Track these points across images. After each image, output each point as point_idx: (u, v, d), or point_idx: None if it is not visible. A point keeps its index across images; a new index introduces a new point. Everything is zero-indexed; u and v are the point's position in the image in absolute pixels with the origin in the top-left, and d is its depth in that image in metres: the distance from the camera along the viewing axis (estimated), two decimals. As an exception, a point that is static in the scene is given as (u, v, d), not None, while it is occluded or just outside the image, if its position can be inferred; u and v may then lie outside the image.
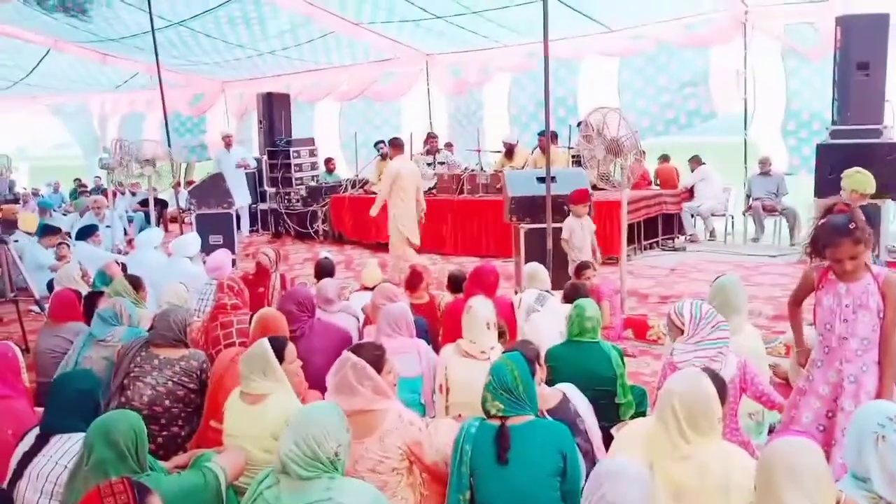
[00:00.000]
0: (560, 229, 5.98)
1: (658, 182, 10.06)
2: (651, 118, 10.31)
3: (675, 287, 6.86)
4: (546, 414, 2.87)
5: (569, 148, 9.14)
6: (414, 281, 5.14)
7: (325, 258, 6.00)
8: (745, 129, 9.67)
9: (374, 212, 7.93)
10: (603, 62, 10.67)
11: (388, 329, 3.82)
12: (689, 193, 9.68)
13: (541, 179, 6.10)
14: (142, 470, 2.32)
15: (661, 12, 9.30)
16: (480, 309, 3.60)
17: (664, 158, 10.35)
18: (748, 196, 9.41)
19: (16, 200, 12.10)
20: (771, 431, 3.70)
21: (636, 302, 6.49)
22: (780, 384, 4.14)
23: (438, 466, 2.80)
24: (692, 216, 9.55)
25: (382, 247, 9.79)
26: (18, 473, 2.60)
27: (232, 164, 10.94)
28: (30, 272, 6.64)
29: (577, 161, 8.42)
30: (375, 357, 2.90)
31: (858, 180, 5.42)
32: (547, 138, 6.29)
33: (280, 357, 3.06)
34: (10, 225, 7.73)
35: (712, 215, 9.61)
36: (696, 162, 9.86)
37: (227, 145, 11.37)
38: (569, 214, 6.04)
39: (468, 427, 2.59)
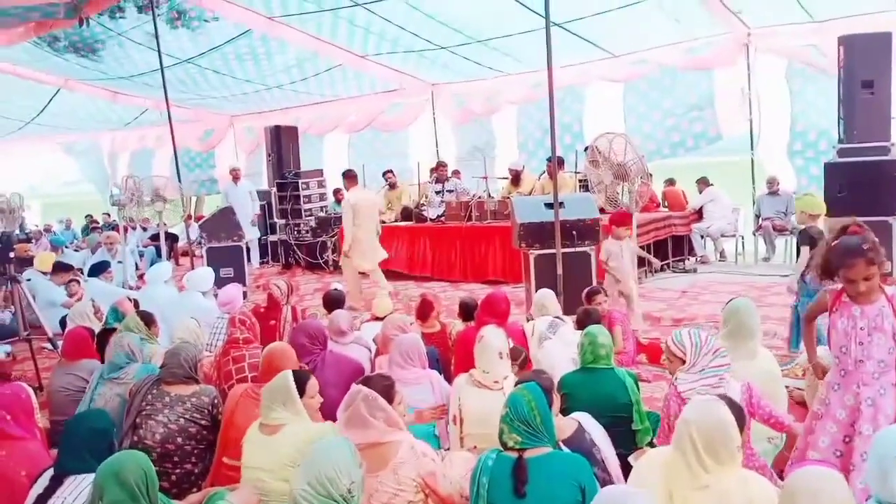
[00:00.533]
0: (572, 254, 5.98)
1: (666, 204, 10.06)
2: (657, 142, 10.33)
3: (688, 309, 6.82)
4: (562, 444, 2.84)
5: (576, 173, 9.17)
6: (425, 310, 5.12)
7: (335, 289, 6.01)
8: (752, 149, 9.67)
9: (346, 247, 8.13)
10: (607, 88, 10.73)
11: (401, 360, 3.80)
12: (698, 215, 9.66)
13: (549, 205, 6.11)
14: (153, 510, 2.31)
15: (664, 37, 9.37)
16: (493, 338, 3.58)
17: (670, 182, 10.36)
18: (757, 216, 9.39)
19: (28, 240, 12.22)
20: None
21: (649, 325, 6.45)
22: (798, 407, 4.08)
23: (454, 499, 2.77)
24: (702, 237, 9.53)
25: (393, 276, 9.82)
26: (33, 516, 2.59)
27: (240, 197, 11.03)
28: (42, 310, 6.67)
29: (584, 186, 8.44)
30: (386, 388, 2.89)
31: (807, 202, 5.48)
32: (553, 164, 6.31)
33: (301, 390, 3.05)
34: (23, 263, 7.80)
35: (722, 236, 9.58)
36: (703, 183, 9.85)
37: (235, 179, 11.50)
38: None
39: (485, 459, 2.56)
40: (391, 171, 11.23)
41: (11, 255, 5.41)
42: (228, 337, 4.33)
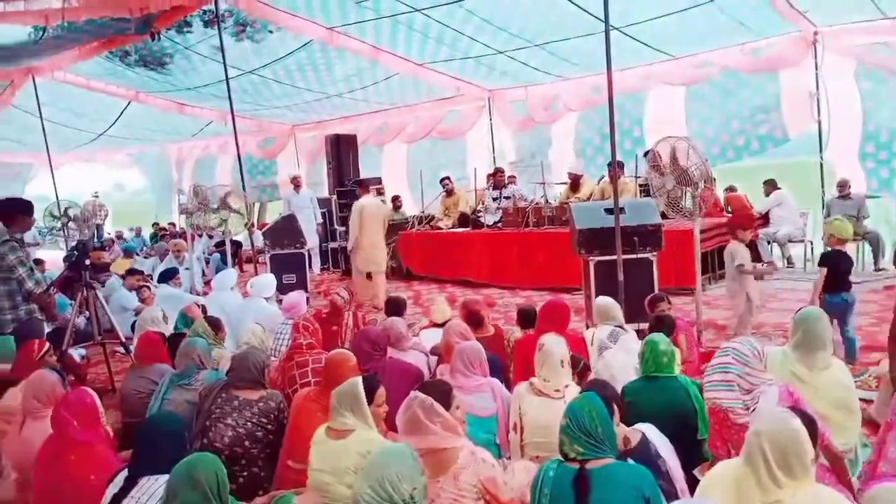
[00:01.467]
0: (634, 261, 5.88)
1: (730, 209, 9.79)
2: (721, 146, 10.08)
3: (755, 318, 6.60)
4: (626, 456, 2.79)
5: (636, 178, 9.03)
6: (475, 319, 5.09)
7: (396, 295, 6.05)
8: (821, 151, 9.33)
9: (349, 247, 8.89)
10: (668, 92, 10.51)
11: (463, 367, 3.79)
12: (765, 219, 9.36)
13: (609, 210, 6.03)
14: (225, 510, 2.37)
15: (726, 38, 9.16)
16: (554, 346, 3.55)
17: (730, 189, 10.09)
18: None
19: (103, 247, 12.73)
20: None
21: (713, 334, 6.28)
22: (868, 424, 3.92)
23: None
24: (768, 243, 9.22)
25: (450, 282, 9.86)
26: (108, 517, 2.69)
27: (301, 205, 11.24)
28: (115, 314, 6.94)
29: (645, 191, 8.30)
30: (443, 394, 2.90)
31: (838, 227, 5.56)
32: (613, 168, 6.22)
33: (370, 398, 3.08)
34: (98, 270, 8.13)
35: (789, 241, 9.25)
36: (770, 186, 9.53)
37: (297, 187, 11.73)
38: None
39: (546, 470, 2.54)
40: (448, 178, 11.29)
41: (87, 262, 5.63)
42: (293, 342, 4.42)
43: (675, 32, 8.93)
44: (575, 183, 9.62)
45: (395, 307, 5.58)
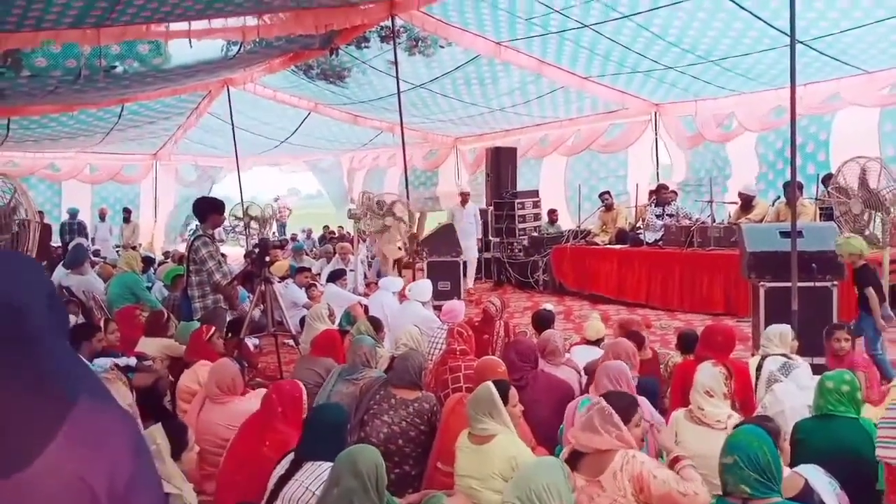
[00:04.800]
0: (810, 289, 5.43)
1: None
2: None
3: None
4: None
5: (816, 200, 8.35)
6: (634, 340, 4.93)
7: (546, 309, 6.02)
8: None
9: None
10: (859, 113, 9.56)
11: (609, 384, 3.71)
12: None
13: (785, 233, 5.63)
14: (381, 502, 2.49)
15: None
16: (702, 376, 3.40)
17: None
18: None
19: (281, 246, 13.75)
20: None
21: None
22: None
23: (673, 497, 2.63)
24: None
25: (603, 299, 9.64)
26: (274, 494, 2.90)
27: (466, 218, 11.18)
28: (285, 309, 7.46)
29: (826, 215, 7.66)
30: (626, 406, 2.83)
31: (853, 244, 5.23)
32: (793, 187, 5.79)
33: (504, 399, 3.13)
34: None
35: None
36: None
37: (464, 202, 11.53)
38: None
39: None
40: (608, 193, 11.04)
41: (267, 258, 6.08)
42: (447, 347, 4.54)
43: (868, 46, 8.17)
44: (746, 203, 9.07)
45: (543, 321, 5.55)
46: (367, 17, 8.56)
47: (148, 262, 10.75)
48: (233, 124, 12.01)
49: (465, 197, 11.65)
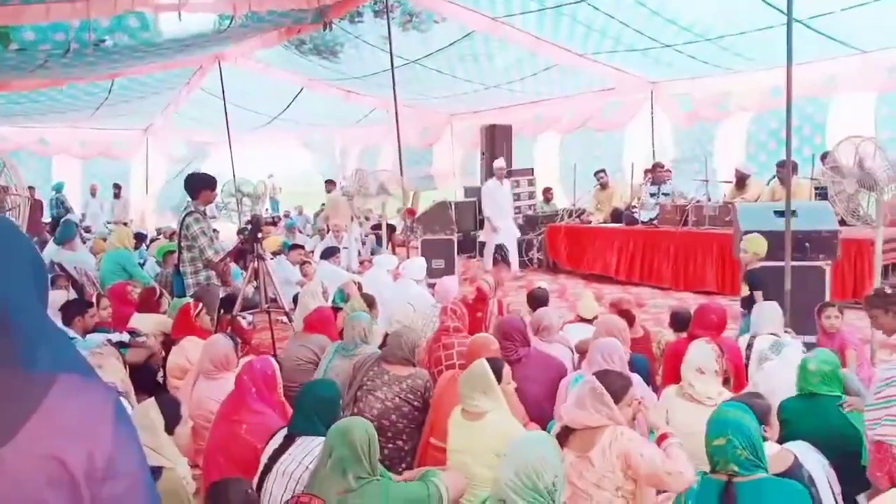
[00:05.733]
0: (803, 269, 5.45)
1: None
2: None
3: (942, 341, 5.93)
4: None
5: (812, 179, 8.35)
6: (625, 318, 4.91)
7: (539, 288, 6.02)
8: None
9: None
10: (856, 97, 9.49)
11: (602, 361, 3.72)
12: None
13: (779, 213, 5.63)
14: (374, 473, 2.51)
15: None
16: (694, 354, 3.43)
17: None
18: None
19: (273, 222, 13.69)
20: None
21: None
22: None
23: (660, 477, 2.64)
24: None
25: (597, 277, 9.66)
26: (268, 468, 2.91)
27: (504, 197, 10.78)
28: (278, 286, 7.44)
29: (821, 195, 7.66)
30: (619, 388, 2.83)
31: (759, 243, 5.41)
32: (787, 166, 5.78)
33: (497, 377, 3.15)
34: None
35: None
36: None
37: (500, 177, 10.92)
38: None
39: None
40: (603, 171, 11.02)
41: (260, 235, 6.04)
42: (441, 324, 4.54)
43: (866, 25, 8.09)
44: (741, 182, 9.07)
45: (537, 300, 5.55)
46: (360, -10, 8.45)
47: (140, 238, 10.70)
48: (224, 99, 11.88)
49: (501, 172, 10.80)
